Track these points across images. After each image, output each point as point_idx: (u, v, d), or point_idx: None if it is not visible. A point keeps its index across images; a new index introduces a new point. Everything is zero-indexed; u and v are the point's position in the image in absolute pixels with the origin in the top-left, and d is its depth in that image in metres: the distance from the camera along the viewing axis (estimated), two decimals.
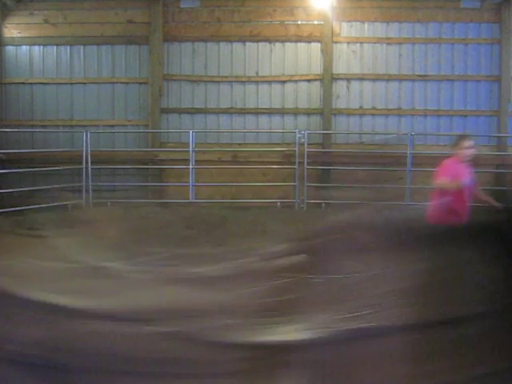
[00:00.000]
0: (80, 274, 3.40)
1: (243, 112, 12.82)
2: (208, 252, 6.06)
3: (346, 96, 12.79)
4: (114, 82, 12.96)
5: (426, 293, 2.54)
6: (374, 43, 12.69)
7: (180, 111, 12.95)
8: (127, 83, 12.96)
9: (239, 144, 12.77)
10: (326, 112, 12.67)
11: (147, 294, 3.14)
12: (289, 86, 12.76)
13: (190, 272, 3.32)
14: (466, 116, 12.62)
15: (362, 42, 12.71)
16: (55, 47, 12.97)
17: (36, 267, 3.46)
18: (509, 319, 2.46)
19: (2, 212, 10.72)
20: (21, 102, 13.07)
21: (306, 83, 12.81)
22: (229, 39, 12.82)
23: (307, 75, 12.76)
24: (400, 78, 12.68)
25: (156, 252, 4.16)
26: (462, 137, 6.49)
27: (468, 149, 6.14)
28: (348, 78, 12.76)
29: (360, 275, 2.71)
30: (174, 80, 12.92)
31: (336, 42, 12.68)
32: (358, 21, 12.69)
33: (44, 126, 13.01)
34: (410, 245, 2.67)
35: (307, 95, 12.80)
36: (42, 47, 12.99)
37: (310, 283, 2.80)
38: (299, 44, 12.76)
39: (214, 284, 3.12)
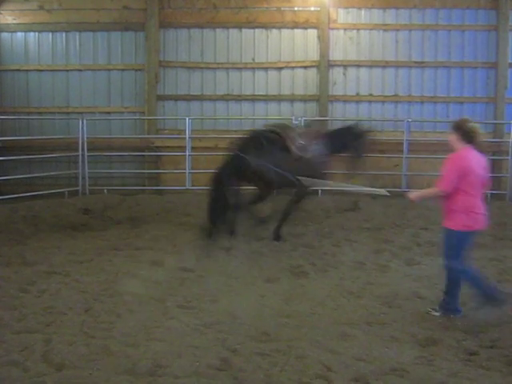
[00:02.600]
0: None
1: (240, 99, 12.81)
2: None
3: (342, 82, 12.78)
4: (109, 69, 12.93)
5: None
6: (371, 29, 12.65)
7: (176, 98, 12.93)
8: (123, 70, 12.93)
9: (236, 131, 12.70)
10: (322, 99, 12.66)
11: None
12: (285, 73, 12.74)
13: None
14: (462, 103, 12.63)
15: (358, 29, 12.68)
16: (50, 34, 12.92)
17: None
18: None
19: None
20: (16, 88, 13.05)
21: (302, 70, 12.78)
22: (225, 25, 12.77)
23: (304, 62, 12.73)
24: (397, 65, 12.66)
25: None
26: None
27: None
28: (345, 65, 12.74)
29: None
30: (170, 67, 12.88)
31: (333, 29, 12.65)
32: (354, 7, 12.65)
33: (40, 113, 12.99)
34: None
35: (304, 82, 12.78)
36: (37, 34, 12.93)
37: None
38: (296, 30, 12.71)
39: None
